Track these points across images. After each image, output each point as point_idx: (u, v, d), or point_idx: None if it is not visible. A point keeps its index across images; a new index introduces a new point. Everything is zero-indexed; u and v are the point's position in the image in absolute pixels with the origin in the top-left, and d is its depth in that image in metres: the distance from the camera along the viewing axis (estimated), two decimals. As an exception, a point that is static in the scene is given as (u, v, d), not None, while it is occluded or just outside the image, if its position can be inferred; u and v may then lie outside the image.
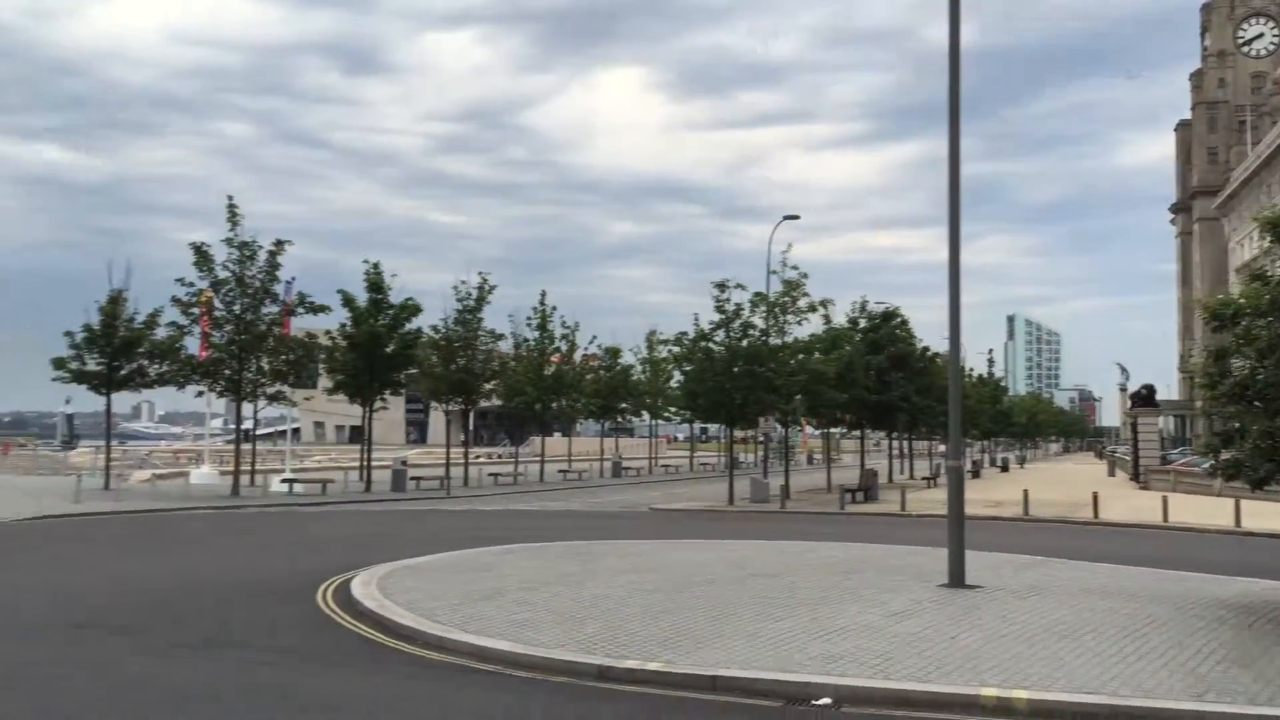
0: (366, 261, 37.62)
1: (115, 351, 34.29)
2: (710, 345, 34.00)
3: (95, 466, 40.96)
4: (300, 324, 38.98)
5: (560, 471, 51.00)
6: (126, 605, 13.01)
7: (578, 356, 51.14)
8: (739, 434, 43.18)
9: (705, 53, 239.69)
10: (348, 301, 37.16)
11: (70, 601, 13.30)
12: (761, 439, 44.05)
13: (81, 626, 11.58)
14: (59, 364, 34.28)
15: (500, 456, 66.36)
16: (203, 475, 39.85)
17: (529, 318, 47.00)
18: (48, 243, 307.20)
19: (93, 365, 34.40)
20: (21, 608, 12.81)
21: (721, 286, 33.35)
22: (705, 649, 10.21)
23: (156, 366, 35.15)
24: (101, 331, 34.05)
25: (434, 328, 40.16)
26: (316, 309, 36.07)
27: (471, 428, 51.78)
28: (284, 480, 36.47)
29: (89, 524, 24.79)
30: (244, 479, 35.49)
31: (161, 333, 34.75)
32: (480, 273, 41.03)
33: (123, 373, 34.75)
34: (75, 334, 34.11)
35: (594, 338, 53.27)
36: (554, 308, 47.64)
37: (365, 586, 13.81)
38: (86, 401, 66.32)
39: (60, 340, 34.16)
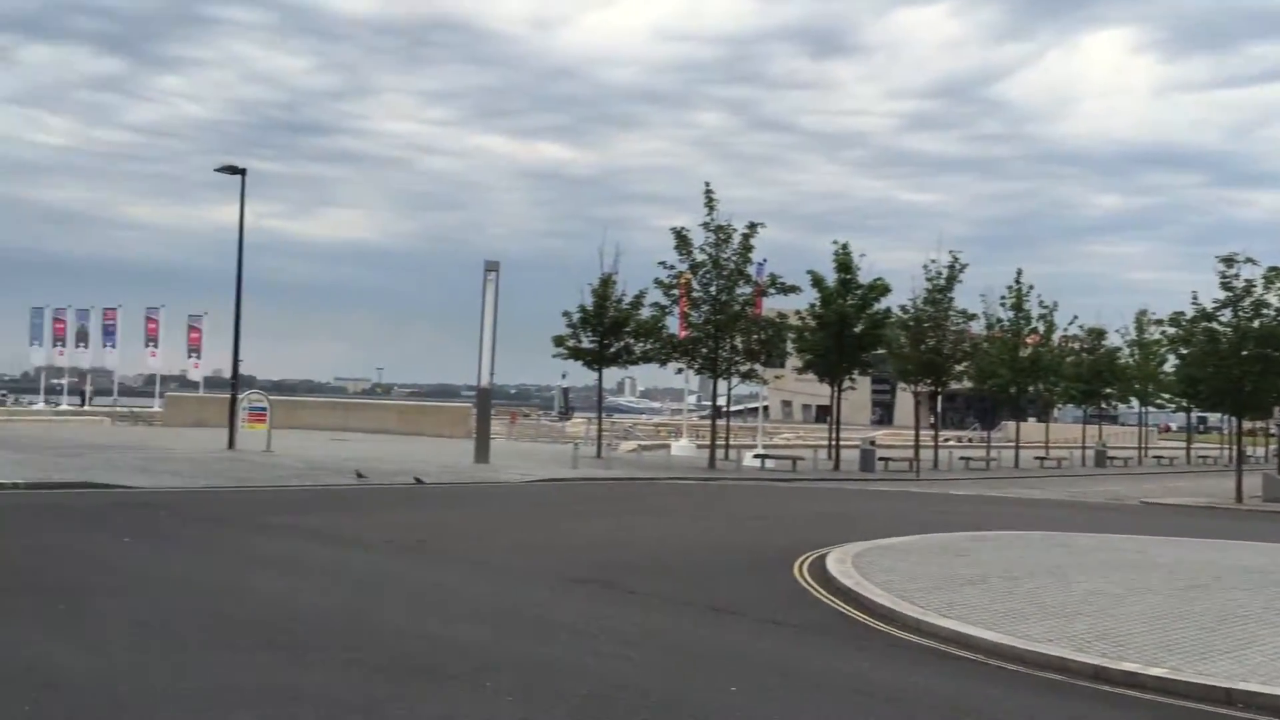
0: (835, 242, 37.96)
1: (606, 330, 36.93)
2: (1214, 326, 30.71)
3: (588, 436, 44.60)
4: (771, 304, 40.01)
5: (1036, 458, 48.50)
6: (621, 565, 13.94)
7: (1056, 337, 48.41)
8: (1247, 425, 38.69)
9: (1204, 5, 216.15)
10: (817, 282, 37.61)
11: (572, 558, 14.47)
12: (1275, 431, 39.23)
13: (582, 581, 12.54)
14: (558, 342, 37.54)
15: (970, 440, 64.40)
16: (682, 448, 42.11)
17: (1003, 297, 45.14)
18: (549, 232, 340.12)
19: (586, 343, 37.33)
20: (530, 562, 14.11)
21: (1229, 261, 30.01)
22: (1214, 658, 9.15)
23: (641, 344, 37.49)
24: (594, 312, 36.82)
25: (903, 308, 39.64)
26: (787, 289, 36.87)
27: (940, 410, 50.57)
28: (756, 455, 37.67)
29: (585, 488, 26.98)
30: (719, 453, 37.07)
31: (646, 313, 37.02)
32: (951, 251, 39.98)
33: (612, 350, 37.37)
34: (572, 314, 37.20)
35: (1074, 318, 50.11)
36: (1030, 286, 45.43)
37: (840, 563, 13.82)
38: (579, 376, 72.69)
39: (558, 320, 37.49)
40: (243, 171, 32.68)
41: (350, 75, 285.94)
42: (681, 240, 35.53)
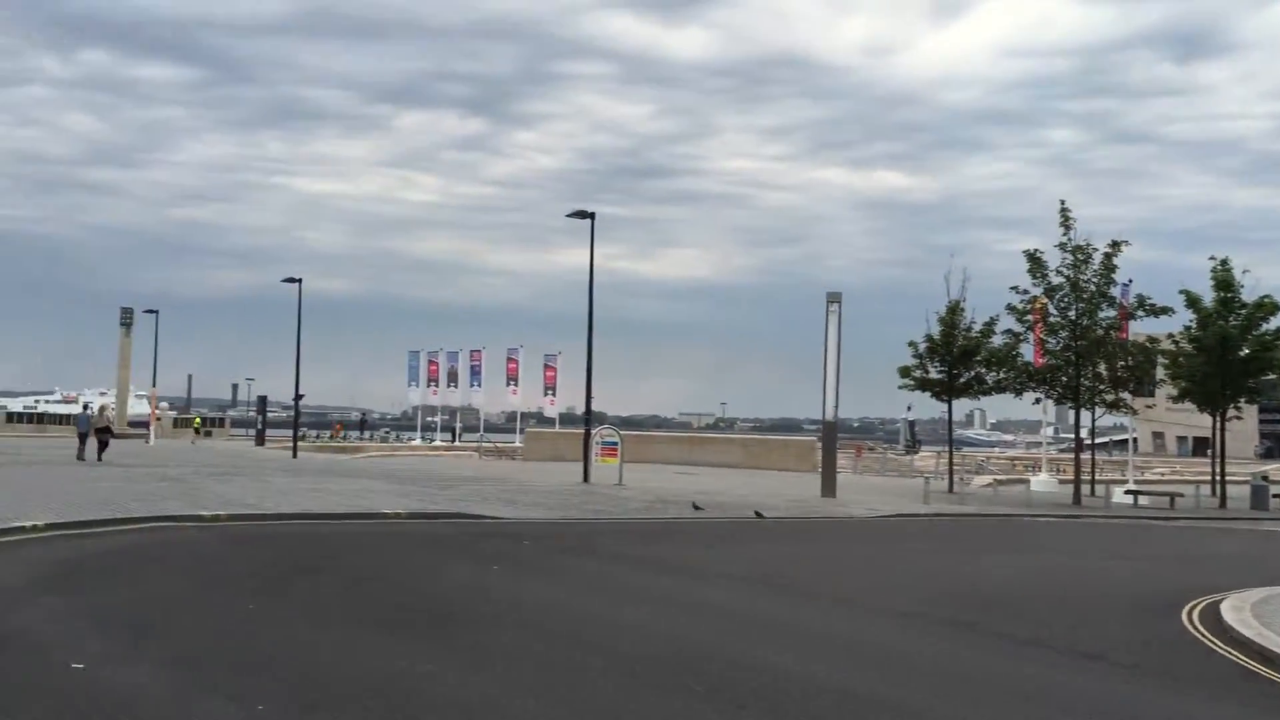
0: (1212, 258, 34.59)
1: (954, 360, 35.60)
2: None
3: (937, 470, 43.07)
4: (1138, 328, 37.07)
5: None
6: (981, 604, 13.13)
7: None
8: None
9: None
10: (1192, 302, 34.43)
11: (929, 596, 13.77)
12: None
13: (944, 622, 11.88)
14: (904, 373, 36.55)
15: (1383, 475, 56.84)
16: (1041, 482, 39.74)
17: None
18: (888, 261, 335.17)
19: (934, 373, 36.11)
20: (885, 599, 13.55)
21: None
22: None
23: (993, 374, 35.82)
24: (942, 341, 35.60)
25: (1298, 328, 35.54)
26: (1157, 311, 34.06)
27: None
28: (1127, 491, 34.90)
29: (938, 523, 25.96)
30: (1084, 488, 34.67)
31: (997, 340, 35.36)
32: (1354, 262, 35.52)
33: (962, 380, 35.94)
34: (918, 344, 36.12)
35: None
36: None
37: (1237, 611, 12.34)
38: (924, 408, 70.54)
39: (902, 351, 36.52)
40: (592, 215, 34.06)
41: (689, 118, 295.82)
42: (1035, 263, 33.73)
